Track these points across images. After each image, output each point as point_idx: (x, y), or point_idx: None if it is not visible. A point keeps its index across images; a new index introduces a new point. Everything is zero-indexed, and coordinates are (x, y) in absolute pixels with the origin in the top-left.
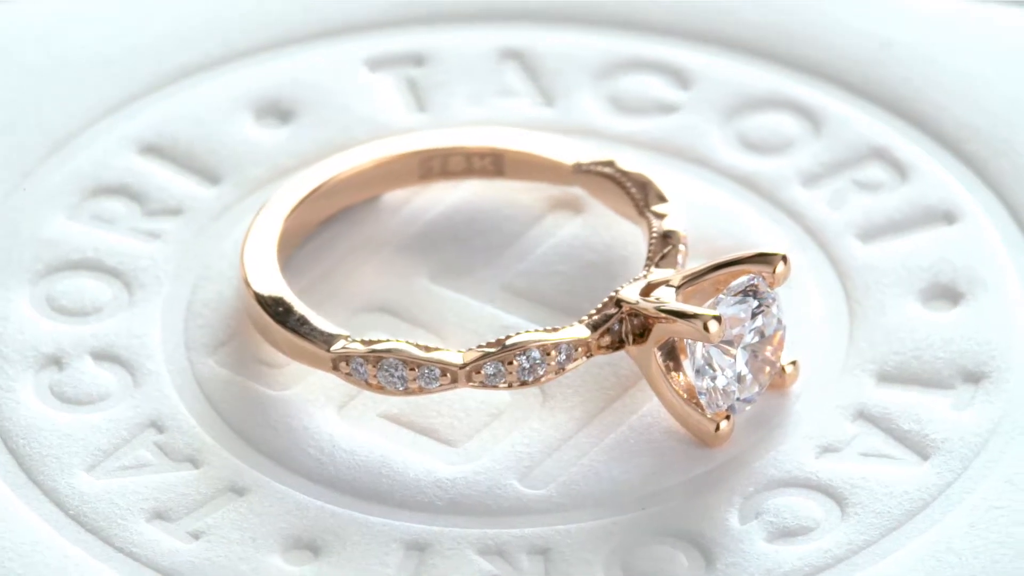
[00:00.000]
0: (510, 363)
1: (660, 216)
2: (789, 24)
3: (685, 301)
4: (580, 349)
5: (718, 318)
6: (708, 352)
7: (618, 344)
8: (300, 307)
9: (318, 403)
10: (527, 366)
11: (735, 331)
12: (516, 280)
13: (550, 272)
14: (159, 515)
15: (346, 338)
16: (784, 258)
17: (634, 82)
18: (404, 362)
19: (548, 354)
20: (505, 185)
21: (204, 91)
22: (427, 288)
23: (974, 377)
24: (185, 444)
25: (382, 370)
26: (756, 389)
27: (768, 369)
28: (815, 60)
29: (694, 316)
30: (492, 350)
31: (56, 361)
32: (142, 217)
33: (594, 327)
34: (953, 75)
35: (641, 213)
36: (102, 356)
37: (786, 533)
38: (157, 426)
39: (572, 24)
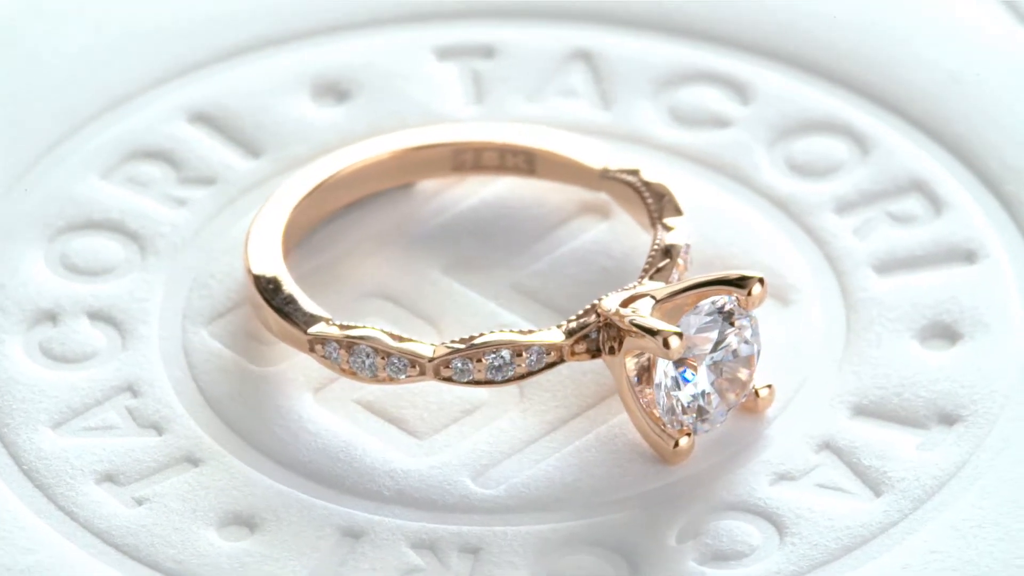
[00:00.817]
0: (479, 360)
1: (668, 229)
2: (860, 48)
3: (663, 316)
4: (552, 353)
5: (679, 334)
6: (672, 368)
7: (595, 352)
8: (291, 287)
9: (296, 383)
10: (497, 365)
11: (699, 349)
12: (526, 280)
13: (562, 275)
14: (110, 478)
15: (327, 321)
16: (760, 281)
17: (695, 93)
18: (375, 350)
19: (519, 355)
20: (539, 184)
21: (267, 66)
22: (436, 279)
23: (949, 419)
24: (155, 411)
25: (354, 356)
26: (721, 410)
27: (738, 392)
28: (879, 87)
29: (656, 331)
30: (461, 347)
31: (52, 317)
32: (175, 184)
33: (570, 333)
34: (1013, 115)
35: (652, 224)
36: (98, 317)
37: (719, 556)
38: (133, 390)
39: (645, 30)
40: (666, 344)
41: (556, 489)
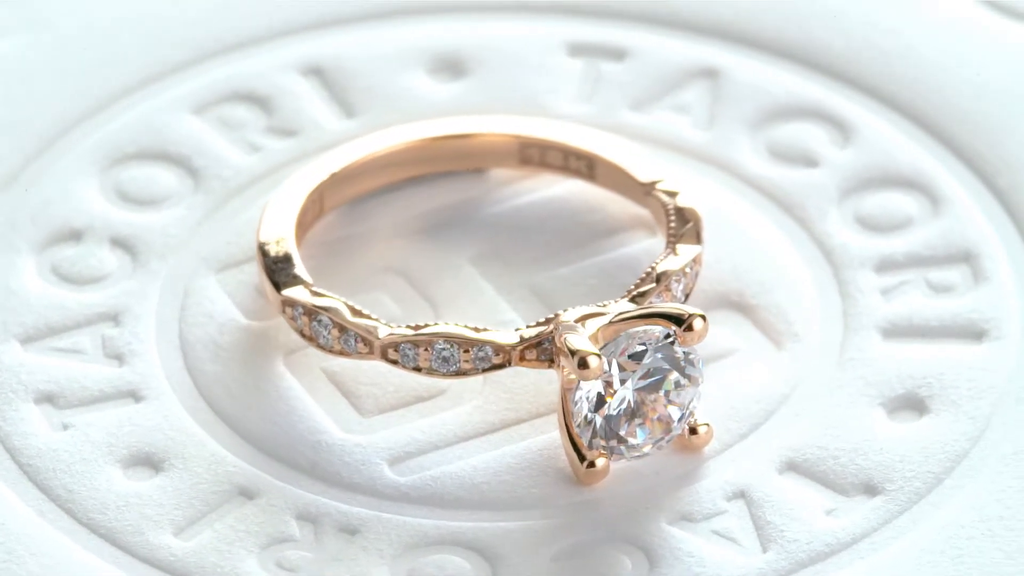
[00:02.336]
0: (425, 349)
1: (674, 254)
2: (965, 112)
3: (607, 337)
4: (500, 355)
5: (597, 356)
6: (592, 388)
7: (550, 361)
8: (290, 248)
9: (275, 342)
10: (444, 357)
11: (624, 375)
12: (546, 282)
13: (582, 284)
14: (49, 399)
15: (306, 285)
16: (702, 318)
17: (798, 129)
18: (333, 322)
19: (466, 351)
20: (604, 192)
21: (396, 34)
22: (460, 267)
23: (872, 491)
24: (126, 344)
25: (315, 324)
26: (646, 440)
27: (666, 425)
28: (974, 149)
29: (574, 351)
30: (410, 332)
31: (76, 237)
32: (260, 130)
33: (522, 338)
34: None
35: (666, 246)
36: (121, 243)
37: None
38: (116, 320)
39: (779, 57)
40: (581, 364)
41: (463, 489)
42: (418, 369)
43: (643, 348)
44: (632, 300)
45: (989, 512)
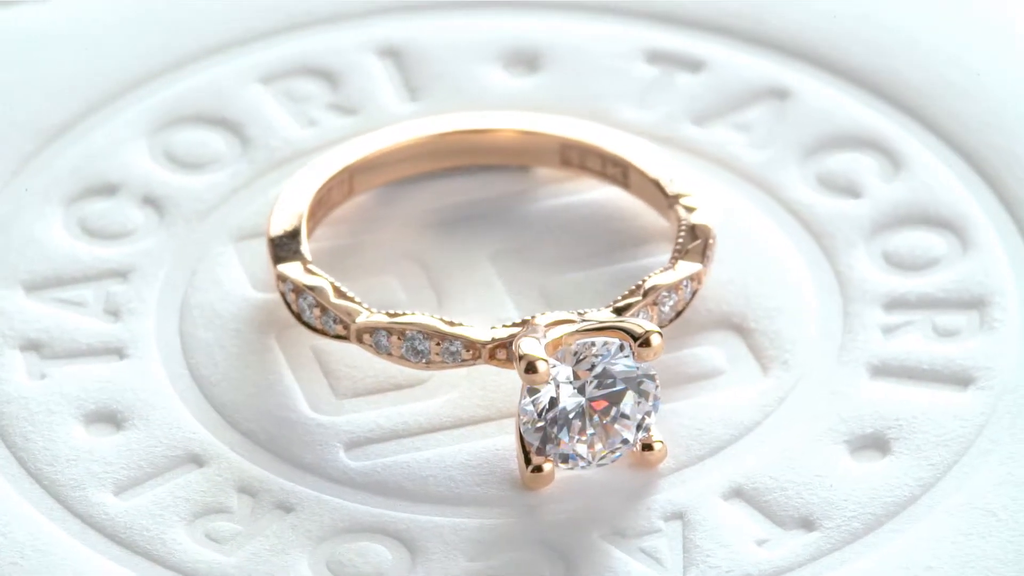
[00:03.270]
0: (398, 337)
1: (672, 271)
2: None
3: (568, 344)
4: (471, 351)
5: (544, 360)
6: (538, 393)
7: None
8: (301, 224)
9: (273, 316)
10: (415, 348)
11: (577, 383)
12: (556, 286)
13: (590, 290)
14: (35, 348)
15: (304, 262)
16: (659, 335)
17: (851, 158)
18: (316, 301)
19: (437, 344)
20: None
21: (478, 23)
22: (476, 261)
23: (809, 525)
24: (127, 301)
25: (301, 301)
26: (589, 451)
27: (617, 439)
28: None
29: (521, 355)
30: (385, 320)
31: (110, 192)
32: (322, 105)
33: (495, 338)
34: None
35: (670, 260)
36: (152, 203)
37: None
38: (124, 277)
39: (853, 85)
40: (527, 369)
41: (407, 479)
42: (391, 356)
43: (597, 360)
44: (615, 311)
45: (918, 560)
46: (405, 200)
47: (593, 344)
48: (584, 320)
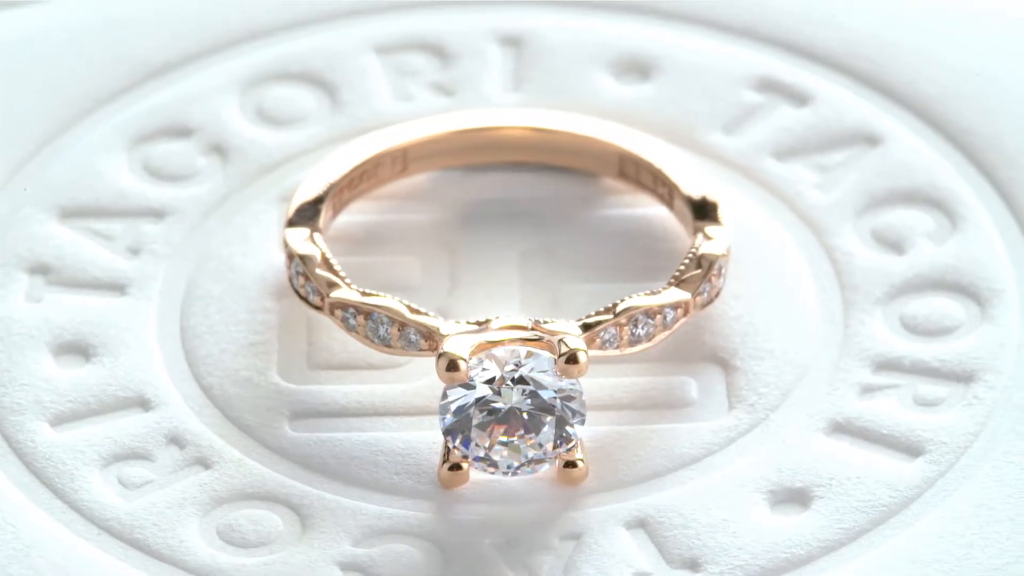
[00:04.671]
0: (365, 317)
1: (654, 295)
2: None
3: (494, 349)
4: (427, 341)
5: (464, 360)
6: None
7: None
8: (326, 193)
9: (277, 280)
10: (379, 332)
11: (498, 389)
12: (570, 295)
13: (597, 304)
14: (43, 272)
15: (313, 230)
16: (584, 353)
17: (911, 215)
18: (303, 271)
19: (399, 330)
20: None
21: (601, 25)
22: (502, 257)
23: (694, 567)
24: (152, 242)
25: (293, 268)
26: (503, 459)
27: (529, 451)
28: None
29: (442, 354)
30: (355, 297)
31: (184, 135)
32: (425, 83)
33: (457, 331)
34: None
35: (666, 284)
36: (220, 151)
37: (354, 566)
38: (162, 217)
39: (948, 141)
40: (447, 367)
41: (332, 457)
42: (356, 335)
43: (522, 370)
44: (582, 326)
45: None
46: (456, 187)
47: (519, 353)
48: (533, 329)
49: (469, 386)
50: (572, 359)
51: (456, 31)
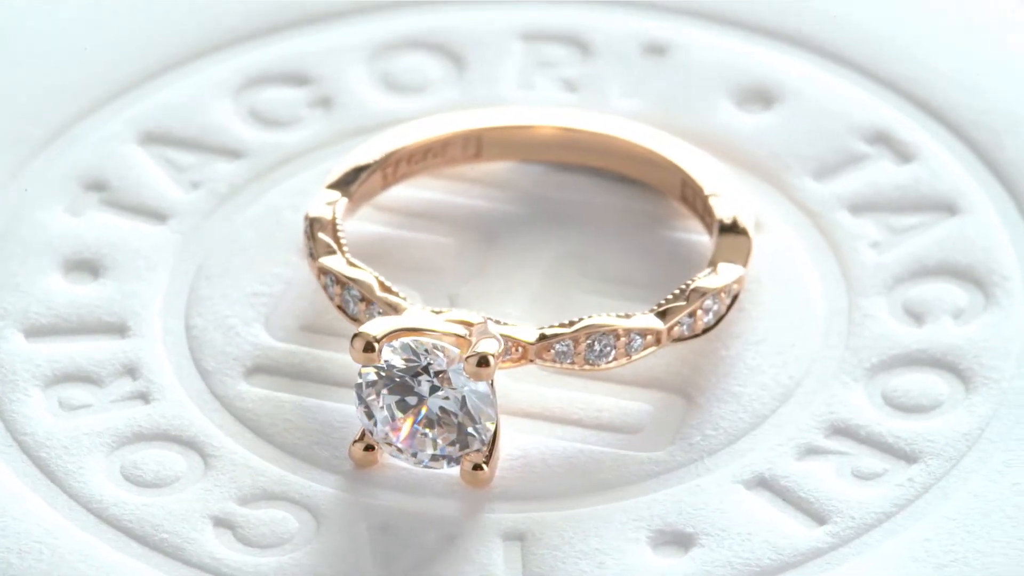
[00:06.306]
0: (340, 287)
1: (626, 319)
2: None
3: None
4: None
5: (372, 343)
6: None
7: None
8: (372, 162)
9: (290, 255)
10: (348, 303)
11: (395, 374)
12: (578, 305)
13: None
14: (96, 188)
15: (342, 194)
16: (493, 356)
17: (949, 290)
18: (309, 232)
19: (366, 306)
20: None
21: (737, 53)
22: (541, 255)
23: None
24: (201, 176)
25: (305, 227)
26: (407, 448)
27: (426, 444)
28: None
29: (357, 334)
30: (338, 267)
31: (293, 82)
32: (553, 76)
33: (435, 312)
34: None
35: (655, 307)
36: (322, 104)
37: (248, 541)
38: (236, 158)
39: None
40: (364, 347)
41: (267, 417)
42: (333, 304)
43: (434, 363)
44: (540, 336)
45: None
46: (529, 180)
47: (442, 349)
48: (478, 326)
49: (384, 371)
50: (483, 362)
51: (605, 30)
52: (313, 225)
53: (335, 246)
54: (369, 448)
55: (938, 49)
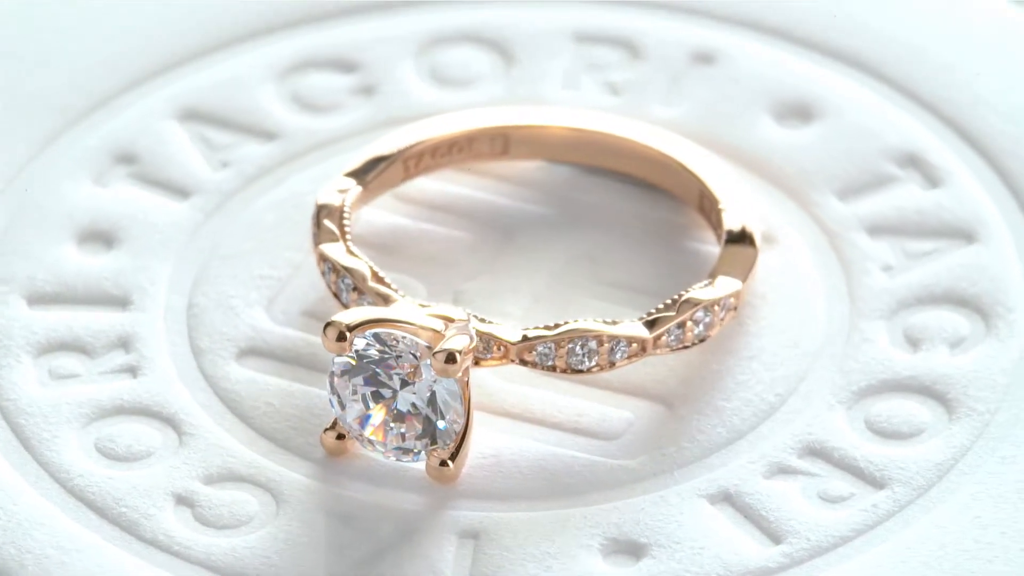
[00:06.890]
0: (335, 275)
1: (612, 325)
2: None
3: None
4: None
5: (343, 331)
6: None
7: None
8: (393, 153)
9: (304, 241)
10: (341, 292)
11: (368, 362)
12: (580, 307)
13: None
14: (126, 162)
15: (360, 184)
16: (459, 354)
17: (952, 319)
18: (316, 218)
19: (358, 295)
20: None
21: (783, 67)
22: (553, 255)
23: None
24: (232, 156)
25: (312, 215)
26: (376, 439)
27: (391, 436)
28: None
29: (330, 323)
30: (337, 255)
31: (344, 68)
32: (595, 78)
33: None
34: None
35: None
36: (364, 92)
37: (210, 522)
38: (270, 139)
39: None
40: (337, 337)
41: (251, 400)
42: (329, 291)
43: (404, 355)
44: (523, 337)
45: None
46: (554, 180)
47: (414, 343)
48: (459, 323)
49: (355, 360)
50: (450, 359)
51: (656, 34)
52: (320, 212)
53: (338, 233)
54: (341, 437)
55: (985, 76)
